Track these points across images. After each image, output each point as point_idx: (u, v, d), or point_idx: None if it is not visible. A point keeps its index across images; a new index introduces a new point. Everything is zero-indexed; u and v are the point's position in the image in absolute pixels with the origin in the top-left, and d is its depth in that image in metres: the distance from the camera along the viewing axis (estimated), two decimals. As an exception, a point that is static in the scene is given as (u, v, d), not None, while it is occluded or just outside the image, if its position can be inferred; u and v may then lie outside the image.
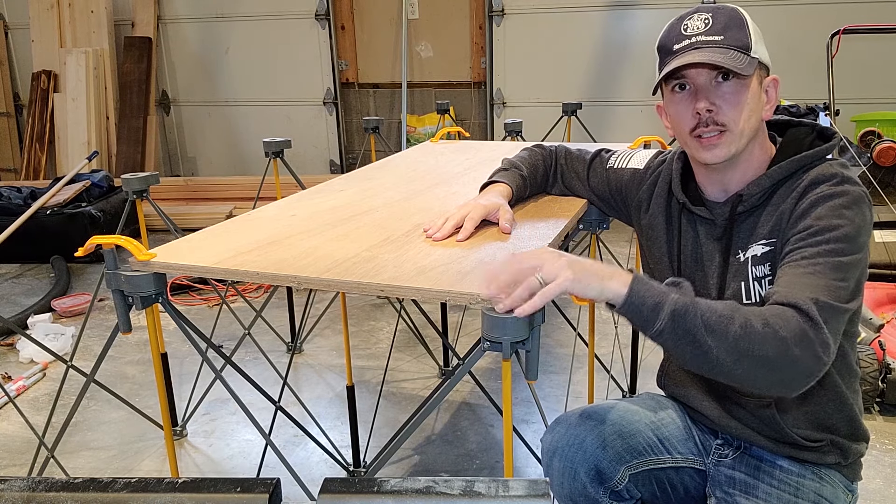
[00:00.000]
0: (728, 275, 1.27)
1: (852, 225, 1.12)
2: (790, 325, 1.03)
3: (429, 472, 2.27)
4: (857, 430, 1.31)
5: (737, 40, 1.17)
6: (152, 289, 1.27)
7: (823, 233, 1.12)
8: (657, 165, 1.45)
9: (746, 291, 1.24)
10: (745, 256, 1.25)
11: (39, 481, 0.55)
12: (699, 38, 1.19)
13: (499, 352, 1.04)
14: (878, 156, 3.15)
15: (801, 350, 1.02)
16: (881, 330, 2.60)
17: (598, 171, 1.57)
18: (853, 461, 1.31)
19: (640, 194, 1.46)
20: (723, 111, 1.18)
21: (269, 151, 2.71)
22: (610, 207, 1.58)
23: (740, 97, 1.18)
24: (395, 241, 1.35)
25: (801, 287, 1.07)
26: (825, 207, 1.14)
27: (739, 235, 1.26)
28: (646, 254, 1.46)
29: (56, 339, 3.21)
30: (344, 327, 2.20)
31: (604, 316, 3.39)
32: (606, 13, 5.23)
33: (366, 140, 3.15)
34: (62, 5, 5.78)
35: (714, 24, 1.19)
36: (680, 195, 1.34)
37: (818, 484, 1.27)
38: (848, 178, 1.17)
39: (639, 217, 1.46)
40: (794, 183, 1.21)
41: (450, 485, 0.54)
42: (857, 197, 1.15)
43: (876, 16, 4.67)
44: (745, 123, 1.19)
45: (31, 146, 5.87)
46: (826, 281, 1.08)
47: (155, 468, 2.36)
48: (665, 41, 1.24)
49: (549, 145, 1.69)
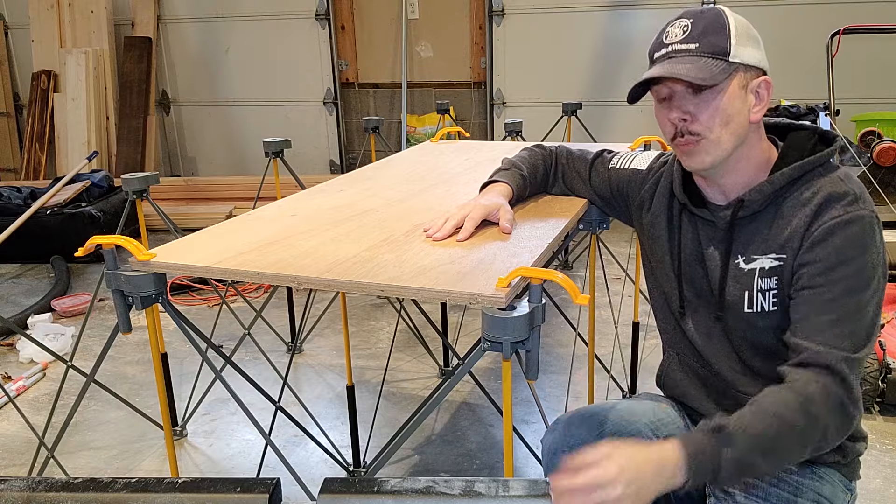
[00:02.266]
0: (728, 278, 1.27)
1: (868, 255, 1.14)
2: (829, 403, 1.10)
3: (429, 472, 2.27)
4: (856, 430, 1.31)
5: (712, 46, 1.17)
6: (152, 289, 1.27)
7: (842, 267, 1.13)
8: (659, 166, 1.45)
9: (749, 300, 1.25)
10: (751, 266, 1.24)
11: (39, 481, 0.55)
12: (674, 46, 1.20)
13: (499, 352, 1.04)
14: (878, 156, 3.15)
15: (840, 419, 1.11)
16: (881, 330, 2.60)
17: (600, 171, 1.56)
18: (852, 460, 1.32)
19: (642, 194, 1.46)
20: (697, 120, 1.18)
21: (269, 151, 2.71)
22: (611, 207, 1.58)
23: (714, 104, 1.17)
24: (395, 240, 1.35)
25: (831, 340, 1.12)
26: (842, 237, 1.14)
27: (741, 240, 1.26)
28: (647, 253, 1.46)
29: (56, 339, 3.21)
30: (344, 327, 2.20)
31: (604, 316, 3.39)
32: (606, 13, 5.23)
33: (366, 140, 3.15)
34: (62, 5, 5.78)
35: (692, 31, 1.19)
36: (681, 196, 1.34)
37: (817, 483, 1.28)
38: (859, 197, 1.17)
39: (640, 216, 1.46)
40: (801, 193, 1.20)
41: (450, 485, 0.54)
42: (870, 221, 1.16)
43: (876, 16, 4.67)
44: (723, 130, 1.18)
45: (31, 146, 5.87)
46: (851, 327, 1.12)
47: (155, 468, 2.36)
48: (651, 49, 1.25)
49: (550, 145, 1.69)
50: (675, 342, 1.44)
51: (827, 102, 3.47)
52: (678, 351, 1.44)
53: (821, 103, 3.68)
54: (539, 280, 1.06)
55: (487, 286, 1.08)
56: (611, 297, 3.54)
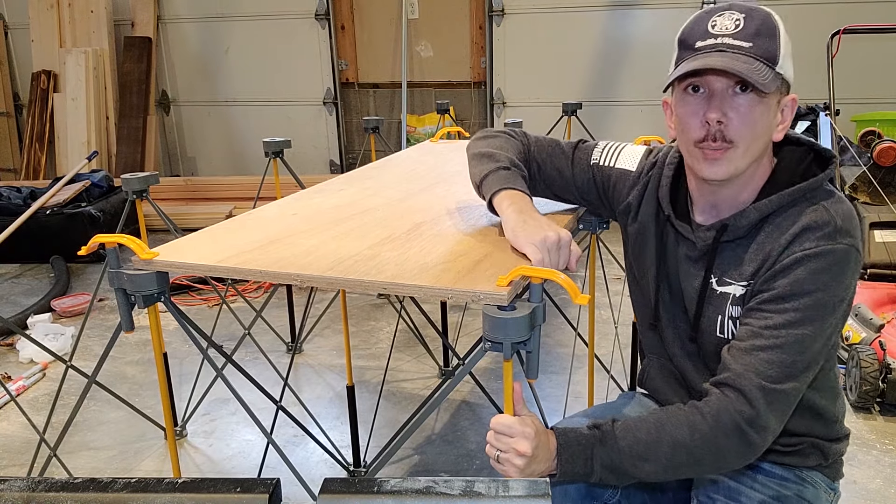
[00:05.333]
0: (705, 301, 1.22)
1: (826, 292, 1.08)
2: (723, 423, 1.09)
3: (429, 472, 2.27)
4: (838, 431, 1.29)
5: (765, 51, 1.07)
6: (155, 287, 1.27)
7: (795, 300, 1.08)
8: (648, 168, 1.34)
9: (721, 326, 1.21)
10: (723, 290, 1.19)
11: (39, 481, 0.55)
12: (726, 40, 1.08)
13: (500, 352, 1.04)
14: (878, 156, 3.15)
15: (736, 443, 1.09)
16: (881, 330, 2.60)
17: (582, 167, 1.40)
18: (834, 461, 1.30)
19: (629, 199, 1.35)
20: (733, 125, 1.09)
21: (268, 151, 2.71)
22: (591, 205, 1.46)
23: (754, 114, 1.08)
24: (397, 239, 1.34)
25: (755, 365, 1.09)
26: (806, 270, 1.08)
27: (718, 263, 1.20)
28: (632, 263, 1.39)
29: (56, 339, 3.21)
30: (344, 327, 2.20)
31: (604, 316, 3.39)
32: (606, 13, 5.22)
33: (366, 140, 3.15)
34: (62, 5, 5.78)
35: (745, 28, 1.08)
36: (667, 207, 1.26)
37: (800, 486, 1.27)
38: (839, 228, 1.09)
39: (626, 222, 1.38)
40: (783, 220, 1.13)
41: (450, 485, 0.54)
42: (841, 256, 1.08)
43: (876, 16, 4.67)
44: (754, 143, 1.10)
45: (30, 146, 5.87)
46: (783, 357, 1.09)
47: (155, 468, 2.36)
48: (688, 34, 1.13)
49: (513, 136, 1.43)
50: (653, 348, 1.40)
51: (827, 102, 3.47)
52: (657, 355, 1.40)
53: (821, 103, 3.68)
54: (540, 280, 1.06)
55: (489, 284, 1.08)
56: (611, 297, 3.54)
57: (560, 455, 1.12)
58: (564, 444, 1.12)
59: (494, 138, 1.42)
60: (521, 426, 1.08)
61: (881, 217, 3.14)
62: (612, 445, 1.12)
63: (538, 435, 1.09)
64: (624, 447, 1.12)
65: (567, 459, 1.12)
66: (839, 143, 3.45)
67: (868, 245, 3.10)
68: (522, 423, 1.08)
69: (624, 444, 1.12)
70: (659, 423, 1.12)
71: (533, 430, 1.08)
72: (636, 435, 1.12)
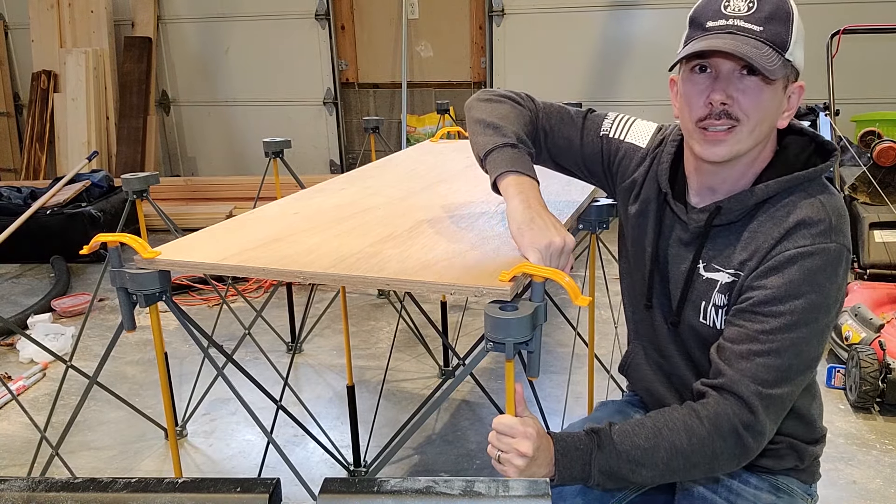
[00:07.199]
0: (691, 287, 1.21)
1: (820, 293, 1.08)
2: (721, 428, 1.10)
3: (429, 472, 2.27)
4: (815, 433, 1.29)
5: (775, 35, 1.06)
6: (157, 286, 1.27)
7: (791, 301, 1.08)
8: (657, 146, 1.32)
9: (704, 313, 1.20)
10: (712, 276, 1.18)
11: (39, 481, 0.55)
12: (737, 21, 1.07)
13: (502, 352, 1.04)
14: (878, 156, 3.15)
15: (732, 446, 1.10)
16: (881, 330, 2.60)
17: (591, 137, 1.37)
18: (810, 464, 1.29)
19: (634, 175, 1.33)
20: (738, 105, 1.08)
21: (268, 151, 2.71)
22: (592, 176, 1.41)
23: (760, 98, 1.08)
24: (399, 237, 1.35)
25: (752, 370, 1.09)
26: (800, 270, 1.08)
27: (708, 247, 1.19)
28: (628, 244, 1.37)
29: (56, 339, 3.21)
30: (344, 327, 2.20)
31: (604, 316, 3.39)
32: (607, 13, 5.22)
33: (366, 140, 3.15)
34: (62, 5, 5.78)
35: (758, 11, 1.07)
36: (665, 185, 1.24)
37: (773, 497, 1.26)
38: (833, 227, 1.09)
39: (626, 200, 1.35)
40: (778, 210, 1.13)
41: (450, 485, 0.54)
42: (836, 255, 1.09)
43: (876, 16, 4.67)
44: (758, 126, 1.10)
45: (31, 146, 5.87)
46: (779, 362, 1.09)
47: (155, 468, 2.36)
48: (699, 13, 1.12)
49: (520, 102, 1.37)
50: (641, 333, 1.38)
51: (827, 102, 3.47)
52: (643, 343, 1.39)
53: (821, 103, 3.67)
54: (541, 278, 1.05)
55: (492, 280, 1.08)
56: (611, 297, 3.53)
57: (558, 460, 1.12)
58: (562, 449, 1.12)
59: (500, 104, 1.34)
60: (523, 427, 1.08)
61: (881, 217, 3.14)
62: (610, 451, 1.12)
63: (539, 437, 1.09)
64: (622, 452, 1.12)
65: (565, 465, 1.12)
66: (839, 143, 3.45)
67: (868, 245, 3.10)
68: (524, 423, 1.09)
69: (622, 450, 1.12)
70: (656, 427, 1.12)
71: (534, 431, 1.08)
72: (634, 440, 1.12)
